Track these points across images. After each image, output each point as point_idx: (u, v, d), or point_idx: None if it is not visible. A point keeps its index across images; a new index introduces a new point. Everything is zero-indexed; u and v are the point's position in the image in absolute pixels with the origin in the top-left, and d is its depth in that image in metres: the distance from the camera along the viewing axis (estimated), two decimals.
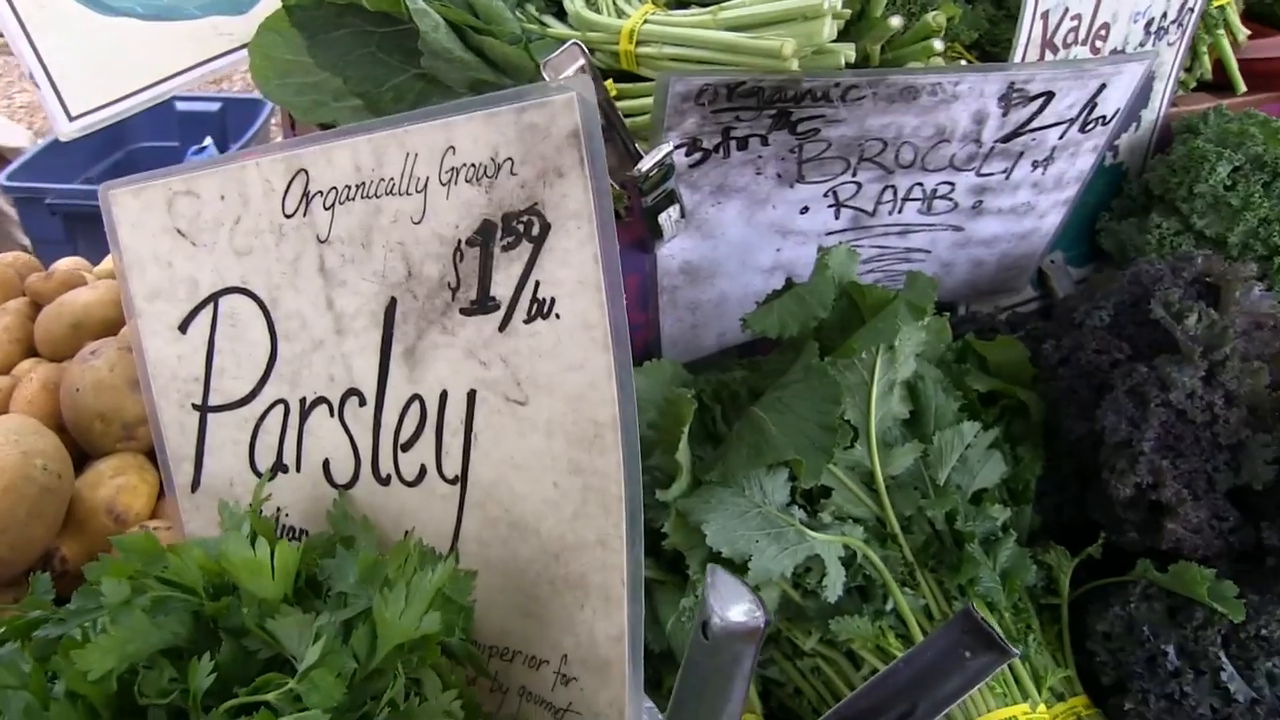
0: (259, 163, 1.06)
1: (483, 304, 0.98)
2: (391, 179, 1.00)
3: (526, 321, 0.96)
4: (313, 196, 1.04)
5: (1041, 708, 1.24)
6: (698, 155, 1.44)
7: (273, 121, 3.69)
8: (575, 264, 0.93)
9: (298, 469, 1.12)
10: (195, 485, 1.17)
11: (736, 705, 0.78)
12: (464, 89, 1.57)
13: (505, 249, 0.96)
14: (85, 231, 3.04)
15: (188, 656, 0.89)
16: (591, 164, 0.92)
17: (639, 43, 1.52)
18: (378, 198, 1.01)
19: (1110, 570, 1.37)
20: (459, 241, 0.98)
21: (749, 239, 1.57)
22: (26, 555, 1.24)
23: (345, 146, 1.02)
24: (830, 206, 1.56)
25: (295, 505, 1.12)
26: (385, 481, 1.08)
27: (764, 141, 1.44)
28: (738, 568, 1.27)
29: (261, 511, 1.04)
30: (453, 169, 0.97)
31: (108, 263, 1.77)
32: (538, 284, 0.95)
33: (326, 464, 1.10)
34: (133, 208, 1.13)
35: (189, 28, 1.89)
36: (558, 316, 0.95)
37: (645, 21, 1.52)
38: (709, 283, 1.60)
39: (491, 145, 0.95)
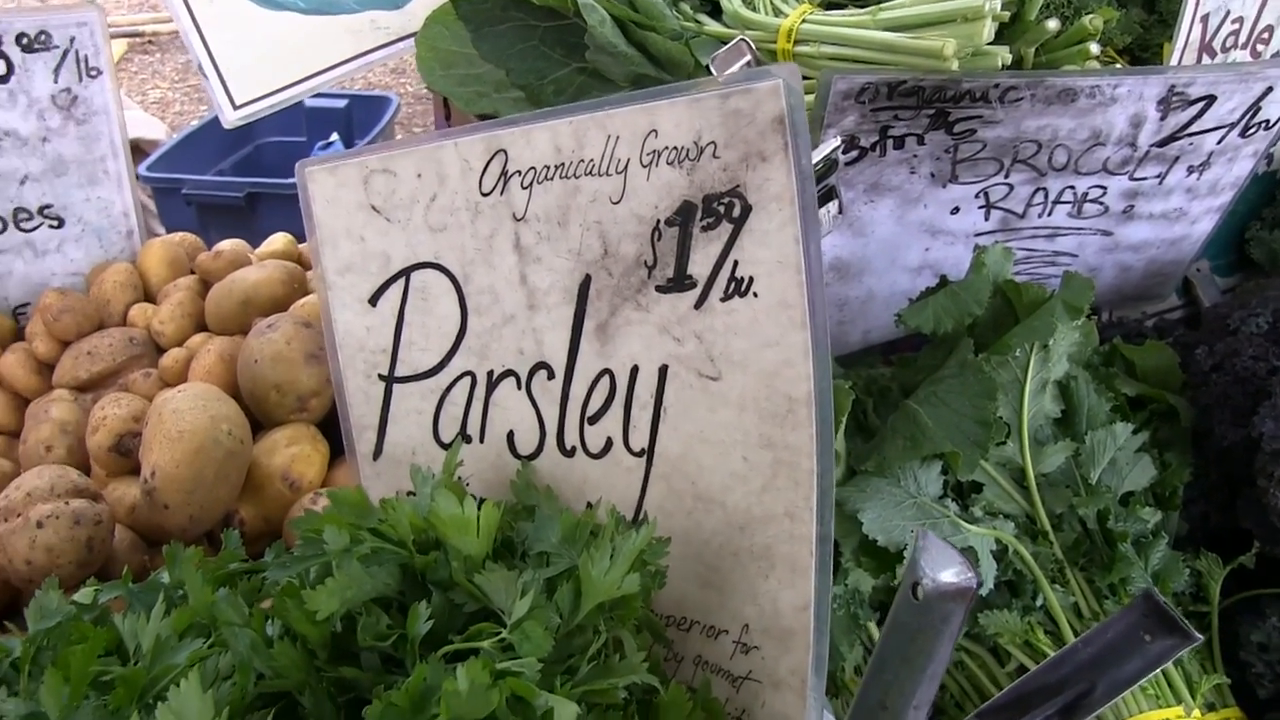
0: (457, 143, 1.10)
1: (679, 282, 1.02)
2: (591, 160, 1.04)
3: (723, 299, 0.99)
4: (510, 176, 1.08)
5: (1196, 713, 1.23)
6: (854, 153, 1.47)
7: (397, 120, 3.78)
8: (775, 245, 0.96)
9: (481, 439, 1.16)
10: (377, 453, 1.22)
11: (940, 666, 0.80)
12: (625, 83, 1.61)
13: (705, 229, 0.99)
14: (217, 221, 3.13)
15: (395, 606, 0.93)
16: (795, 149, 0.94)
17: (797, 41, 1.55)
18: (576, 178, 1.05)
19: (1260, 581, 1.36)
20: (658, 221, 1.02)
21: (899, 238, 1.59)
22: (212, 515, 1.29)
23: (546, 128, 1.06)
24: (981, 207, 1.57)
25: (477, 475, 1.15)
26: (570, 453, 1.11)
27: (920, 141, 1.46)
28: (892, 557, 1.29)
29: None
30: (654, 151, 1.01)
31: (269, 244, 1.84)
32: (736, 263, 0.98)
33: (511, 435, 1.14)
34: (328, 185, 1.18)
35: (347, 22, 1.96)
36: (755, 295, 0.98)
37: (804, 21, 1.55)
38: (857, 280, 1.62)
39: (695, 129, 0.98)
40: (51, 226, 1.81)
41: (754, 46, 1.63)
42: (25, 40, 1.68)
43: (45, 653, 1.04)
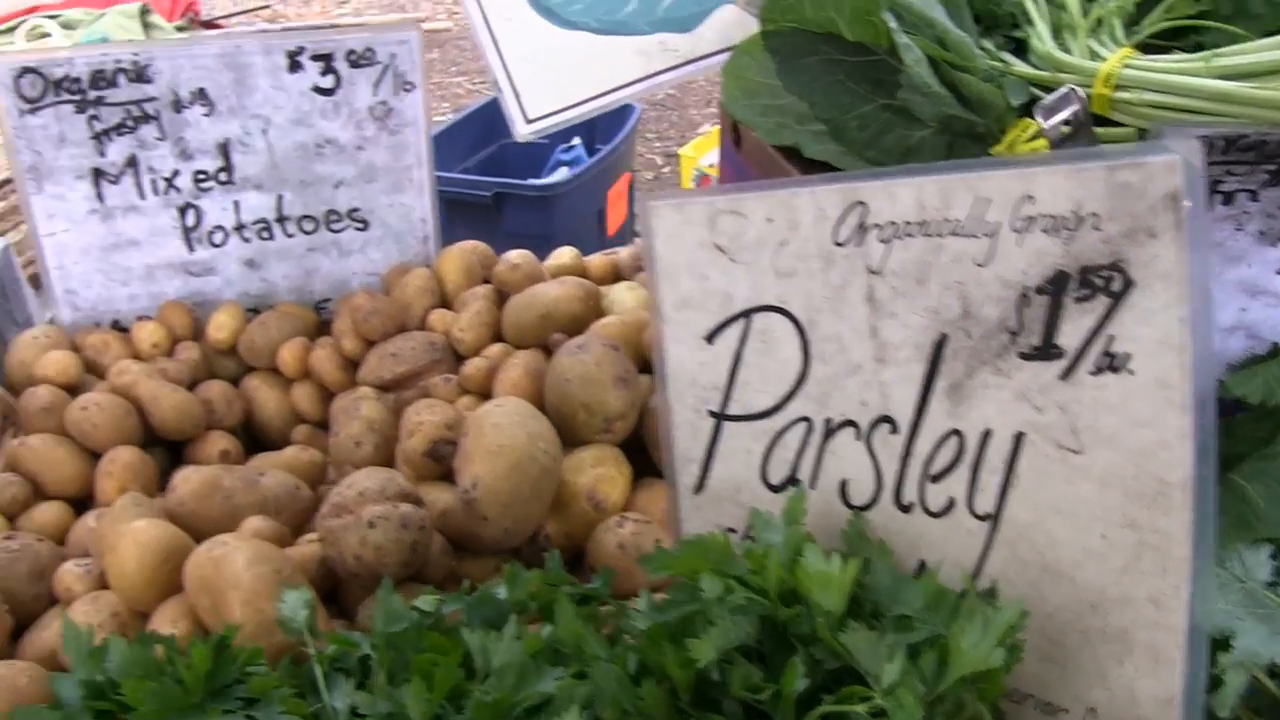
0: (814, 191, 1.11)
1: (1044, 351, 1.00)
2: (957, 220, 1.03)
3: (1093, 373, 0.98)
4: (869, 229, 1.09)
5: None
6: None
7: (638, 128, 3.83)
8: (1158, 324, 0.94)
9: (812, 485, 1.17)
10: (699, 488, 1.24)
11: None
12: (933, 123, 1.60)
13: (1078, 300, 0.98)
14: (464, 218, 3.24)
15: (754, 658, 0.95)
16: (1190, 228, 0.92)
17: (1117, 87, 1.50)
18: (940, 237, 1.05)
19: None
20: (1025, 288, 1.01)
21: (1214, 296, 1.54)
22: (525, 530, 1.34)
23: (910, 185, 1.06)
24: None
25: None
26: (906, 509, 1.11)
27: (1253, 197, 1.41)
28: (1216, 645, 1.24)
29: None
30: (1028, 218, 1.00)
31: (557, 257, 1.90)
32: (1112, 338, 0.96)
33: (844, 484, 1.15)
34: (672, 221, 1.20)
35: (638, 43, 1.99)
36: (1131, 373, 0.96)
37: (1125, 65, 1.50)
38: None
39: (1075, 199, 0.97)
40: (357, 229, 1.90)
41: (1052, 89, 1.60)
42: (353, 56, 1.77)
43: (387, 652, 1.10)
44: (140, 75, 1.79)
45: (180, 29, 6.01)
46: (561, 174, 3.59)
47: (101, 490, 1.57)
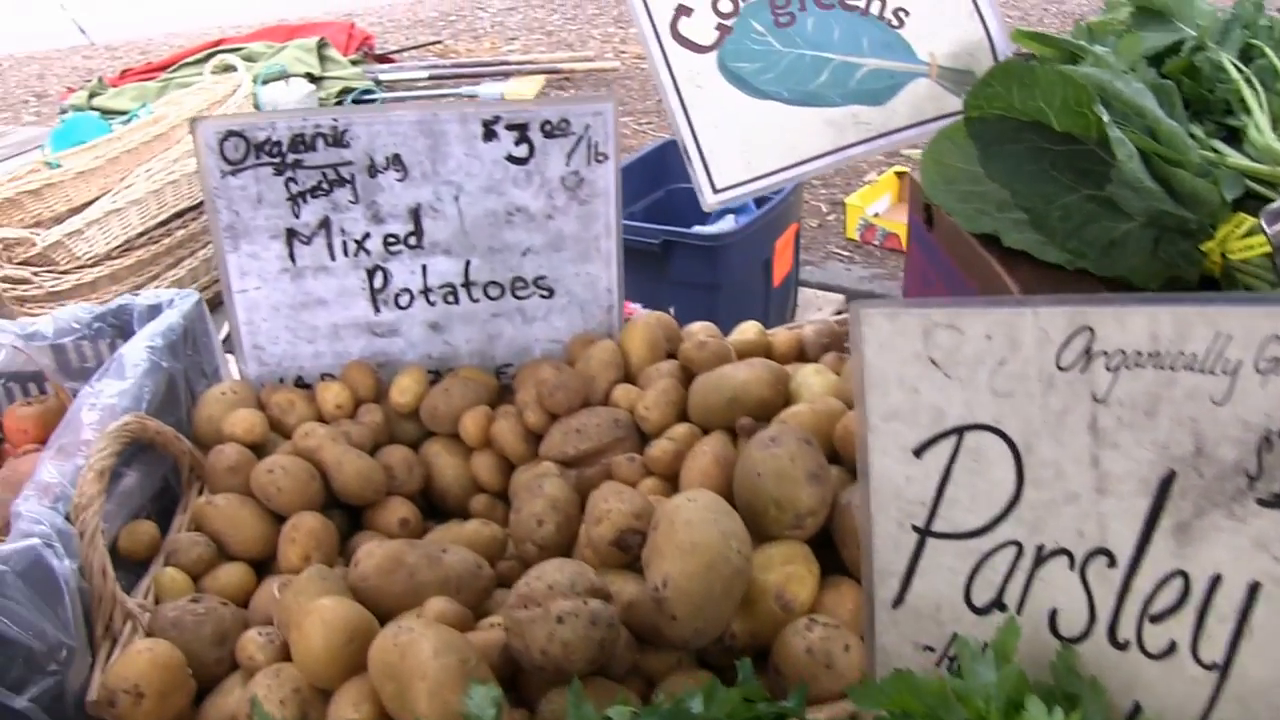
0: (1037, 311, 1.08)
1: None
2: (1193, 354, 0.99)
3: None
4: (1095, 355, 1.05)
5: None
6: None
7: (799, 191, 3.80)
8: None
9: (1018, 611, 1.13)
10: (898, 602, 1.21)
11: None
12: (1140, 217, 1.55)
13: None
14: (631, 264, 3.25)
15: None
16: None
17: None
18: (1172, 370, 1.00)
19: None
20: (1269, 431, 0.96)
21: None
22: (713, 631, 1.32)
23: (1142, 313, 1.02)
24: None
25: None
26: (1121, 647, 1.07)
27: None
28: None
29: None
30: (1274, 359, 0.95)
31: (742, 333, 1.89)
32: None
33: (1054, 614, 1.11)
34: (884, 330, 1.18)
35: (829, 114, 1.97)
36: None
37: None
38: None
39: None
40: (542, 296, 1.92)
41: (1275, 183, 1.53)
42: (548, 127, 1.80)
43: None
44: (338, 140, 1.84)
45: (354, 62, 6.21)
46: (728, 222, 3.58)
47: (284, 555, 1.60)
